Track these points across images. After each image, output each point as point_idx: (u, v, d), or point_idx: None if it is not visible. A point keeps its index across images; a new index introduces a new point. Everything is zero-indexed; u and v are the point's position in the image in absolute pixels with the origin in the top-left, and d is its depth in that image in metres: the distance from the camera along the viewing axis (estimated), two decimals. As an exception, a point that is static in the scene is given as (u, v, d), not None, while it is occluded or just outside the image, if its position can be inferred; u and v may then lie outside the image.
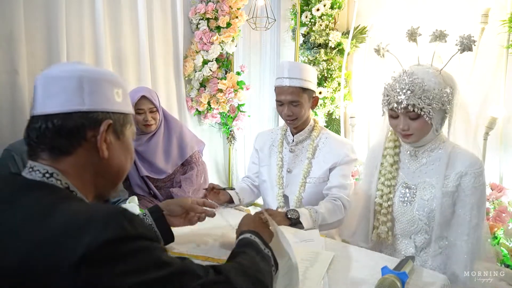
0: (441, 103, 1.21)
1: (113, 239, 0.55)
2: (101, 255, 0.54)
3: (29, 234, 0.57)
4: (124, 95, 0.79)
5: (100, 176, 0.75)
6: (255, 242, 0.90)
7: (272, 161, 1.75)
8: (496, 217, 1.92)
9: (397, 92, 1.23)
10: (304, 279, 0.97)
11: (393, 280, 0.87)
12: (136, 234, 0.59)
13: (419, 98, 1.19)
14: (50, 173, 0.69)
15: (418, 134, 1.27)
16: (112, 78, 0.76)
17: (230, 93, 2.89)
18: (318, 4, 2.74)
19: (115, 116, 0.75)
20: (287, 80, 1.56)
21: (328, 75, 2.78)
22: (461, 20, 2.16)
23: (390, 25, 2.52)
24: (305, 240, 1.23)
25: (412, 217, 1.33)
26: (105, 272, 0.54)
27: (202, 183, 2.12)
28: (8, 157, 1.58)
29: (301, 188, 1.64)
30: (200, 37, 2.81)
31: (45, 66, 2.00)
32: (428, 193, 1.30)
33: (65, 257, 0.53)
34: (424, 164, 1.33)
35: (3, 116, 1.84)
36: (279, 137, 1.76)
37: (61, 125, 0.69)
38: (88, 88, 0.71)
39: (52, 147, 0.70)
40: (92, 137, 0.72)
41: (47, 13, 1.98)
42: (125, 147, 0.79)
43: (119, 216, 0.58)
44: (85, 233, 0.54)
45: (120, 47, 2.39)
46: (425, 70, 1.24)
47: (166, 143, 2.10)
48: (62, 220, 0.57)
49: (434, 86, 1.20)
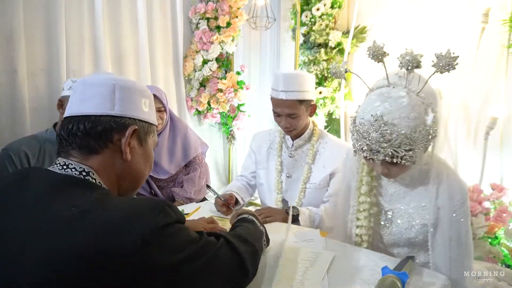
0: (425, 141, 1.00)
1: (165, 224, 0.66)
2: (157, 237, 0.64)
3: (90, 224, 0.63)
4: (151, 106, 0.86)
5: (122, 178, 0.82)
6: (252, 220, 1.05)
7: (270, 164, 1.72)
8: (496, 217, 1.92)
9: (369, 140, 1.02)
10: (304, 279, 0.97)
11: (393, 280, 0.87)
12: (177, 219, 0.70)
13: (398, 147, 0.98)
14: (87, 171, 0.75)
15: (400, 174, 1.12)
16: (141, 88, 0.84)
17: (230, 93, 2.89)
18: (318, 3, 2.74)
19: (141, 123, 0.82)
20: (283, 94, 1.50)
21: (328, 74, 2.78)
22: (461, 20, 2.16)
23: (390, 25, 2.52)
24: (305, 240, 1.23)
25: (391, 239, 1.23)
26: (160, 251, 0.64)
27: (203, 184, 2.13)
28: (5, 157, 1.59)
29: (301, 193, 1.62)
30: (200, 37, 2.81)
31: (45, 66, 2.00)
32: (405, 222, 1.18)
33: (130, 241, 0.61)
34: (402, 190, 1.19)
35: (2, 116, 1.85)
36: (277, 140, 1.72)
37: (91, 126, 0.76)
38: (119, 95, 0.79)
39: (82, 146, 0.76)
40: (118, 141, 0.79)
41: (47, 13, 1.98)
42: (146, 154, 0.86)
43: (166, 206, 0.69)
44: (142, 221, 0.64)
45: (120, 47, 2.39)
46: (399, 105, 0.99)
47: (171, 144, 2.10)
48: (119, 210, 0.65)
49: (415, 127, 0.98)
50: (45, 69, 2.00)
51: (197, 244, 0.73)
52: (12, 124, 1.87)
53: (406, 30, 2.38)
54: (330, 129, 2.90)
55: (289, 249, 1.13)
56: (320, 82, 2.81)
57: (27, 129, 1.90)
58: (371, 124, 1.00)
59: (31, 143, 1.65)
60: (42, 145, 1.67)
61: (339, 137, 2.88)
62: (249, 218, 1.05)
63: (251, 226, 1.00)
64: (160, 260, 0.64)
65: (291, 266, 1.03)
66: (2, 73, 1.82)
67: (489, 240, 1.88)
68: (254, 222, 1.04)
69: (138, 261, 0.61)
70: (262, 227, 1.06)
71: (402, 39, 2.31)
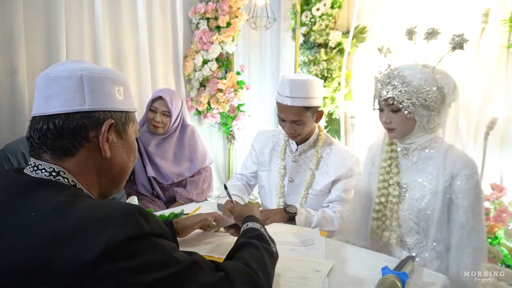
0: (423, 99, 1.20)
1: (132, 236, 0.57)
2: (120, 252, 0.55)
3: (45, 231, 0.56)
4: (126, 93, 0.77)
5: (103, 175, 0.75)
6: (263, 234, 0.90)
7: (273, 167, 1.69)
8: (496, 217, 1.92)
9: (380, 85, 1.27)
10: (304, 285, 0.97)
11: (393, 280, 0.87)
12: (150, 231, 0.60)
13: (399, 91, 1.21)
14: (57, 171, 0.68)
15: (401, 129, 1.27)
16: (112, 75, 0.75)
17: (230, 93, 2.88)
18: (318, 3, 2.74)
19: (117, 114, 0.74)
20: (289, 100, 1.46)
21: (328, 74, 2.78)
22: (461, 20, 2.16)
23: (390, 25, 2.52)
24: (305, 239, 1.23)
25: (402, 217, 1.32)
26: (122, 268, 0.55)
27: (206, 187, 2.14)
28: (3, 157, 1.59)
29: (303, 199, 1.60)
30: (200, 37, 2.81)
31: (45, 66, 2.00)
32: (417, 192, 1.28)
33: (84, 254, 0.53)
34: (415, 163, 1.31)
35: (2, 116, 1.85)
36: (281, 142, 1.68)
37: (62, 126, 0.68)
38: (88, 87, 0.70)
39: (54, 148, 0.69)
40: (94, 137, 0.71)
41: (47, 13, 1.98)
42: (128, 145, 0.78)
43: (136, 214, 0.60)
44: (105, 231, 0.55)
45: (120, 47, 2.39)
46: (413, 67, 1.25)
47: (178, 153, 2.10)
48: (79, 217, 0.57)
49: (417, 82, 1.20)
50: (45, 69, 2.00)
51: (175, 267, 0.61)
52: (12, 124, 1.87)
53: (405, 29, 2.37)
54: (330, 129, 2.90)
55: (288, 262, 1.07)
56: (320, 82, 2.81)
57: (27, 129, 1.89)
58: (385, 70, 1.27)
59: (28, 143, 1.65)
60: None
61: (339, 137, 2.88)
62: (257, 234, 0.90)
63: (262, 250, 0.83)
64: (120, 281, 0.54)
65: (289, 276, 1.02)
66: (2, 73, 1.82)
67: (489, 240, 1.88)
68: (263, 236, 0.89)
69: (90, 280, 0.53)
70: (272, 245, 0.89)
71: (402, 39, 2.30)
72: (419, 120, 1.23)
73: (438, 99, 1.21)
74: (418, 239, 1.30)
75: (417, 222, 1.28)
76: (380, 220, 1.36)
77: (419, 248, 1.31)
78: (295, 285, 0.94)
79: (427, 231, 1.28)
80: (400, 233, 1.34)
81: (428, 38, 1.28)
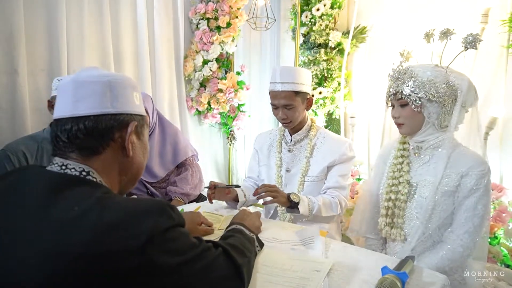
0: (431, 94, 1.21)
1: (168, 227, 0.67)
2: (160, 239, 0.65)
3: (94, 221, 0.62)
4: (140, 99, 0.86)
5: (123, 173, 0.82)
6: (241, 229, 1.07)
7: (271, 161, 1.78)
8: (496, 217, 1.92)
9: (390, 81, 1.30)
10: (304, 285, 0.97)
11: (393, 280, 0.87)
12: (178, 222, 0.71)
13: (406, 86, 1.23)
14: (87, 171, 0.74)
15: (409, 123, 1.28)
16: (132, 82, 0.83)
17: (230, 93, 2.89)
18: (318, 4, 2.75)
19: (137, 117, 0.82)
20: (279, 85, 1.59)
21: (328, 75, 2.78)
22: (461, 20, 2.16)
23: (390, 25, 2.52)
24: (305, 238, 1.23)
25: (410, 215, 1.32)
26: (162, 252, 0.65)
27: (198, 182, 2.13)
28: (4, 157, 1.60)
29: (299, 186, 1.67)
30: (200, 37, 2.81)
31: (45, 66, 2.00)
32: (427, 191, 1.27)
33: (133, 240, 0.62)
34: (427, 162, 1.31)
35: (2, 116, 1.85)
36: (277, 137, 1.79)
37: (92, 126, 0.75)
38: (115, 91, 0.78)
39: (83, 147, 0.75)
40: (119, 138, 0.79)
41: (47, 13, 1.98)
42: (144, 146, 0.87)
43: (167, 208, 0.70)
44: (147, 221, 0.64)
45: (120, 47, 2.39)
46: (425, 65, 1.26)
47: (161, 148, 2.10)
48: (124, 208, 0.66)
49: (426, 77, 1.21)
50: (45, 69, 2.01)
51: (196, 249, 0.74)
52: (12, 124, 1.87)
53: (406, 30, 2.38)
54: (330, 129, 2.90)
55: (287, 262, 1.09)
56: (320, 82, 2.81)
57: (28, 129, 1.90)
58: (397, 67, 1.30)
59: (29, 143, 1.66)
60: (40, 145, 1.68)
61: (339, 137, 2.88)
62: (237, 228, 1.07)
63: (242, 237, 1.02)
64: (161, 261, 0.65)
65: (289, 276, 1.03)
66: (3, 73, 1.83)
67: (489, 240, 1.88)
68: (243, 230, 1.06)
69: (140, 260, 0.62)
70: (252, 234, 1.07)
71: (402, 39, 2.31)
72: (427, 115, 1.24)
73: (447, 96, 1.21)
74: (423, 241, 1.29)
75: (423, 222, 1.27)
76: (388, 217, 1.37)
77: (422, 247, 1.30)
78: (295, 285, 0.94)
79: (432, 231, 1.27)
80: (406, 231, 1.34)
81: (442, 38, 1.29)
